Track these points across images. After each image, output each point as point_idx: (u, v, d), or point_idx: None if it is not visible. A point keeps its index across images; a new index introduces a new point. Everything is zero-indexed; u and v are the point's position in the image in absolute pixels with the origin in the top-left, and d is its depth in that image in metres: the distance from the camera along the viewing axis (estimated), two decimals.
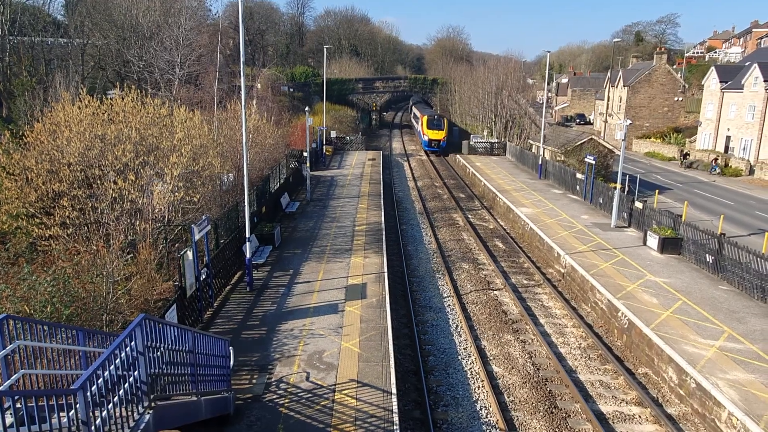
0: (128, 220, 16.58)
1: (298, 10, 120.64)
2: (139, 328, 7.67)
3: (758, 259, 18.96)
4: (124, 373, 7.30)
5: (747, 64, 55.22)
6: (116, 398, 7.04)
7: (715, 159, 49.49)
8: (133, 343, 7.56)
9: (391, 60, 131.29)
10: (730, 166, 48.77)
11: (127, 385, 7.34)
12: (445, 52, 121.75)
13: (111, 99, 20.85)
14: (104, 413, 6.64)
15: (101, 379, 6.65)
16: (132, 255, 14.86)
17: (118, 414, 7.02)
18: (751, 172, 46.60)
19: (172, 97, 37.68)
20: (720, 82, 55.50)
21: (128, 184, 16.60)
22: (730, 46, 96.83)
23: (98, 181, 16.94)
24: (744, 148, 51.13)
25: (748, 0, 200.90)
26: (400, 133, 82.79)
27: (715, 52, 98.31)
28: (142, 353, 7.67)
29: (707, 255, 21.09)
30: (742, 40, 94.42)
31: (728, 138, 54.19)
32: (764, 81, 48.29)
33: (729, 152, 52.72)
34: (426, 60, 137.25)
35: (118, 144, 17.65)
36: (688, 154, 54.27)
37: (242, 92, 17.90)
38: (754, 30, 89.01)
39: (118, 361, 7.14)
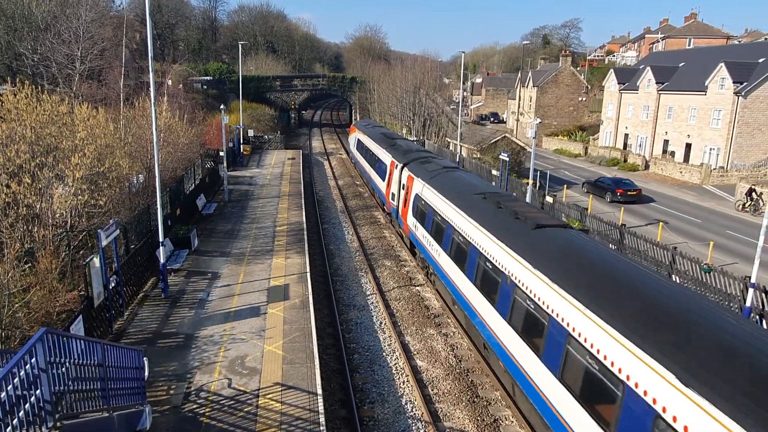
0: (25, 227, 15.29)
1: (210, 4, 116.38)
2: (40, 343, 7.10)
3: (654, 246, 20.86)
4: (25, 392, 6.73)
5: (641, 67, 59.80)
6: (15, 420, 6.48)
7: (752, 190, 34.18)
8: (33, 359, 6.99)
9: (309, 58, 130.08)
10: (629, 162, 52.60)
11: (28, 405, 6.77)
12: (363, 50, 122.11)
13: (1, 95, 19.13)
14: None
15: None
16: (30, 264, 13.72)
17: None
18: (647, 166, 50.54)
19: (73, 94, 35.14)
20: (618, 83, 59.77)
21: (23, 188, 15.28)
22: (627, 50, 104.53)
23: None
24: (640, 145, 55.40)
25: (642, 8, 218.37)
26: (320, 131, 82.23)
27: (614, 56, 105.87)
28: (44, 370, 7.11)
29: (610, 244, 22.64)
30: (636, 44, 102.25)
31: (626, 135, 58.49)
32: (656, 83, 52.58)
33: (627, 149, 56.86)
34: (345, 58, 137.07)
35: (10, 144, 16.21)
36: (755, 191, 34.22)
37: (151, 88, 16.98)
38: (646, 36, 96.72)
39: (16, 380, 6.57)
